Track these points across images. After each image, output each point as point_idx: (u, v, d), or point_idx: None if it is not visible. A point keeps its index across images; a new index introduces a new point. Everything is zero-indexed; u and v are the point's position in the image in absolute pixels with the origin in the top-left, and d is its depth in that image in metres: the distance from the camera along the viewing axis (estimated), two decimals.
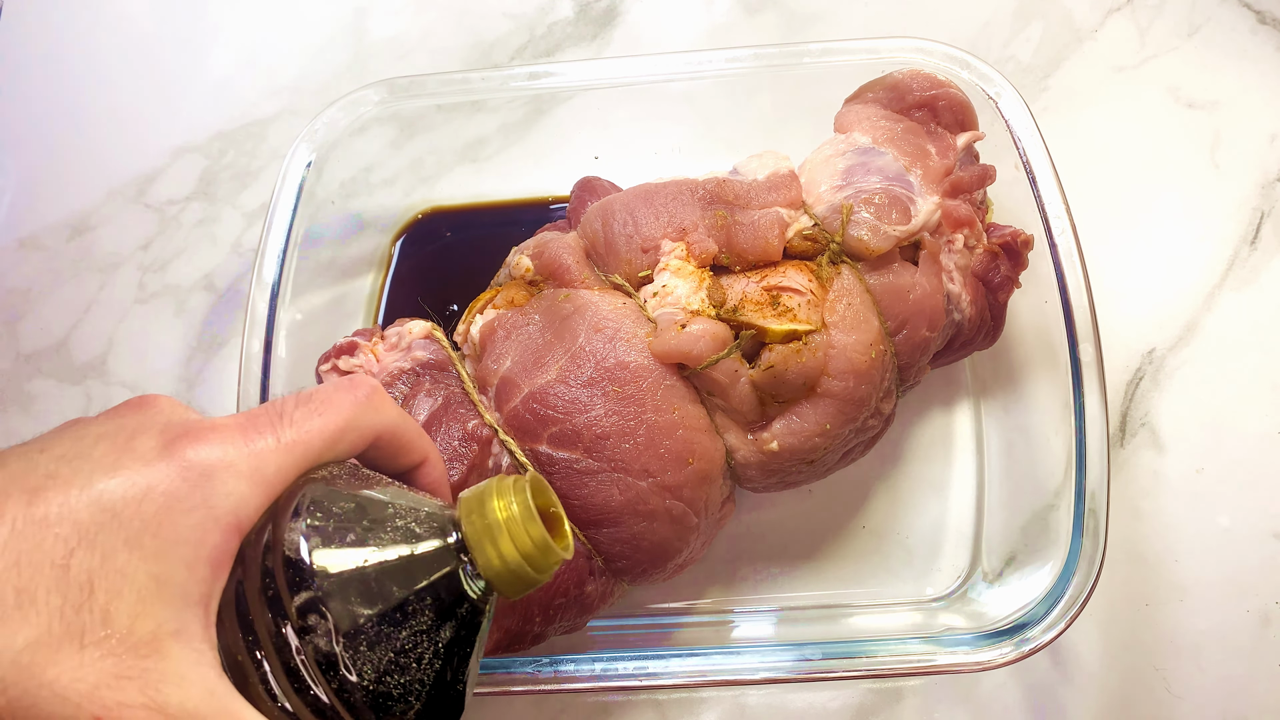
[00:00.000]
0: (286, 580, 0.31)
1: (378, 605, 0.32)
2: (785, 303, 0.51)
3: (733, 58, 0.63)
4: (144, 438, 0.31)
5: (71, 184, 0.79)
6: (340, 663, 0.31)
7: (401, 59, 0.81)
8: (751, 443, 0.52)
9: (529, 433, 0.50)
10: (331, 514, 0.33)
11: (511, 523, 0.34)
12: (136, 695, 0.28)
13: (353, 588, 0.31)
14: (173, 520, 0.30)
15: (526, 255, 0.56)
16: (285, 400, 0.35)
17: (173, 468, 0.30)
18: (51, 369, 0.73)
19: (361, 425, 0.35)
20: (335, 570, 0.31)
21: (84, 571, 0.28)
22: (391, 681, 0.32)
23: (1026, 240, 0.57)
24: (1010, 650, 0.48)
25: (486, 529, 0.34)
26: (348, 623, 0.31)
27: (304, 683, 0.30)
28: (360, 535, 0.33)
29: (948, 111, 0.58)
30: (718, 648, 0.50)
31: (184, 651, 0.29)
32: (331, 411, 0.35)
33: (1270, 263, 0.68)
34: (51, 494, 0.29)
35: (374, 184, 0.73)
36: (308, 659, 0.30)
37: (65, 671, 0.27)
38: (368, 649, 0.31)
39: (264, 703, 0.30)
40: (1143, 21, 0.77)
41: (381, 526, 0.33)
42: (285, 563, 0.31)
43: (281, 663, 0.30)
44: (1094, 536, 0.49)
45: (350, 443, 0.35)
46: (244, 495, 0.31)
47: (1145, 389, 0.65)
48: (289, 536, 0.32)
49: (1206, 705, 0.57)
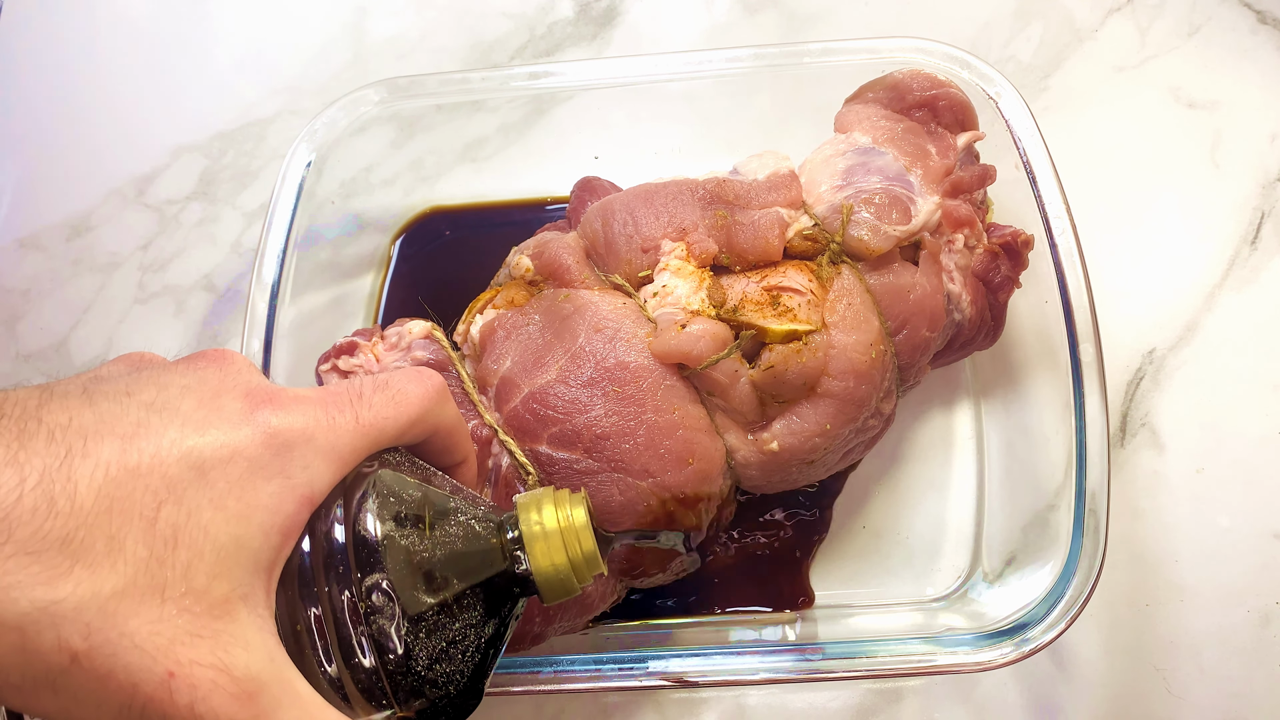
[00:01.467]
0: (357, 558, 0.32)
1: (441, 593, 0.33)
2: (785, 303, 0.50)
3: (733, 58, 0.63)
4: (229, 398, 0.32)
5: (71, 184, 0.79)
6: (399, 643, 0.32)
7: (401, 59, 0.81)
8: (751, 443, 0.52)
9: (529, 433, 0.50)
10: (404, 500, 0.34)
11: (568, 531, 0.36)
12: (207, 655, 0.28)
13: (420, 573, 0.33)
14: (254, 486, 0.30)
15: (526, 255, 0.56)
16: (364, 382, 0.36)
17: (257, 433, 0.31)
18: (51, 369, 0.73)
19: (429, 419, 0.37)
20: (405, 554, 0.33)
21: (170, 526, 0.28)
22: (440, 669, 0.33)
23: (1027, 240, 0.57)
24: (1010, 650, 0.48)
25: (543, 533, 0.36)
26: (414, 607, 0.32)
27: (358, 657, 0.31)
28: (430, 523, 0.34)
29: (948, 111, 0.58)
30: (718, 648, 0.50)
31: (251, 616, 0.29)
32: (405, 401, 0.36)
33: (1270, 263, 0.68)
34: (144, 442, 0.29)
35: (374, 184, 0.73)
36: (368, 636, 0.31)
37: (145, 624, 0.27)
38: (425, 635, 0.32)
39: (314, 673, 0.31)
40: (1143, 21, 0.77)
41: (448, 517, 0.35)
42: (357, 540, 0.32)
43: (339, 637, 0.31)
44: (1094, 536, 0.49)
45: (416, 434, 0.37)
46: (320, 469, 0.32)
47: (1145, 389, 0.65)
48: (362, 516, 0.32)
49: (1206, 705, 0.57)
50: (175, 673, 0.27)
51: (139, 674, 0.27)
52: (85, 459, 0.28)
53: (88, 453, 0.28)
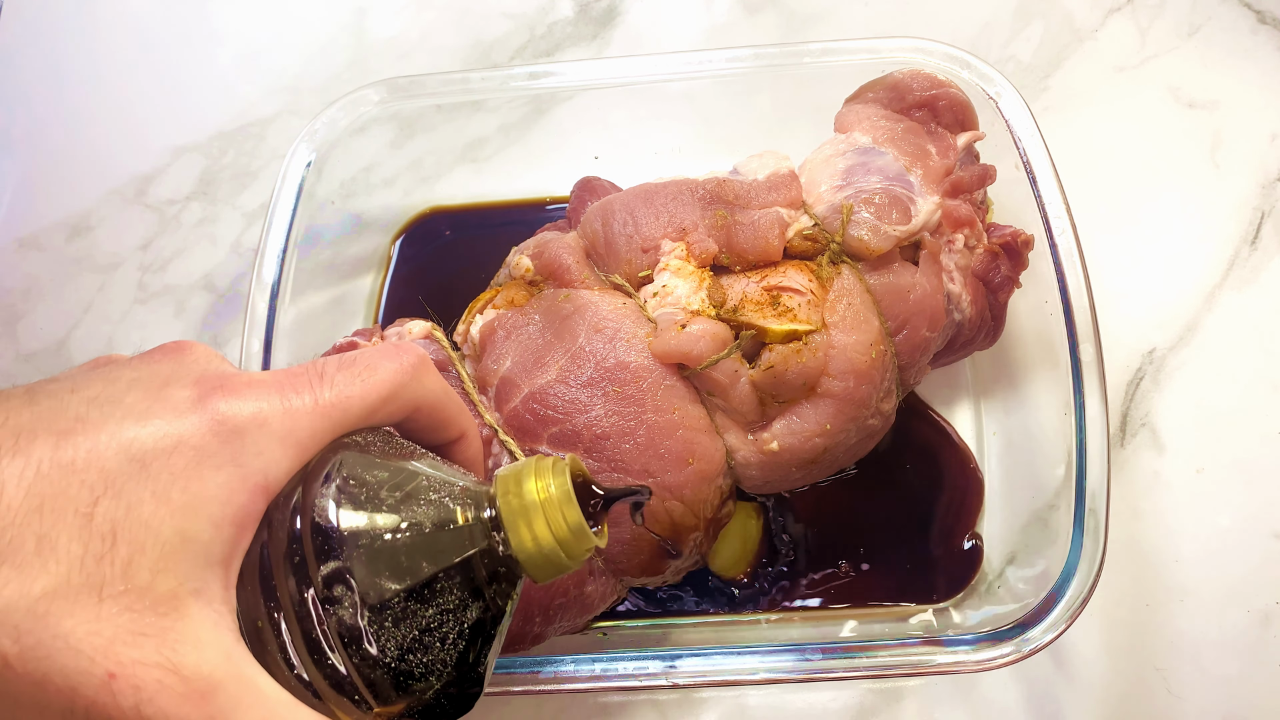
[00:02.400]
0: (314, 547, 0.30)
1: (406, 580, 0.30)
2: (785, 303, 0.50)
3: (733, 58, 0.63)
4: (177, 387, 0.30)
5: (71, 184, 0.79)
6: (364, 636, 0.30)
7: (401, 59, 0.81)
8: (752, 443, 0.52)
9: (529, 433, 0.50)
10: (365, 482, 0.32)
11: (549, 505, 0.33)
12: (153, 654, 0.27)
13: (382, 560, 0.30)
14: (201, 476, 0.29)
15: (526, 255, 0.56)
16: (327, 361, 0.33)
17: (205, 421, 0.29)
18: (51, 369, 0.73)
19: (404, 395, 0.34)
20: (365, 540, 0.30)
21: (108, 522, 0.27)
22: (414, 659, 0.31)
23: (1027, 240, 0.57)
24: (1011, 650, 0.48)
25: (522, 509, 0.33)
26: (375, 596, 0.30)
27: (324, 653, 0.30)
28: (393, 506, 0.31)
29: (948, 111, 0.58)
30: (718, 648, 0.50)
31: (203, 612, 0.28)
32: (374, 378, 0.33)
33: (1270, 263, 0.68)
34: (80, 438, 0.28)
35: (374, 184, 0.73)
36: (330, 630, 0.29)
37: (81, 624, 0.26)
38: (393, 624, 0.30)
39: (280, 670, 0.30)
40: (1143, 21, 0.77)
41: (415, 499, 0.32)
42: (314, 529, 0.30)
43: (302, 631, 0.30)
44: (1094, 536, 0.49)
45: (390, 411, 0.34)
46: (275, 456, 0.30)
47: (1145, 389, 0.65)
48: (319, 502, 0.31)
49: (1206, 705, 0.57)
50: (117, 674, 0.26)
51: (77, 677, 0.26)
52: (15, 458, 0.27)
53: (19, 451, 0.27)
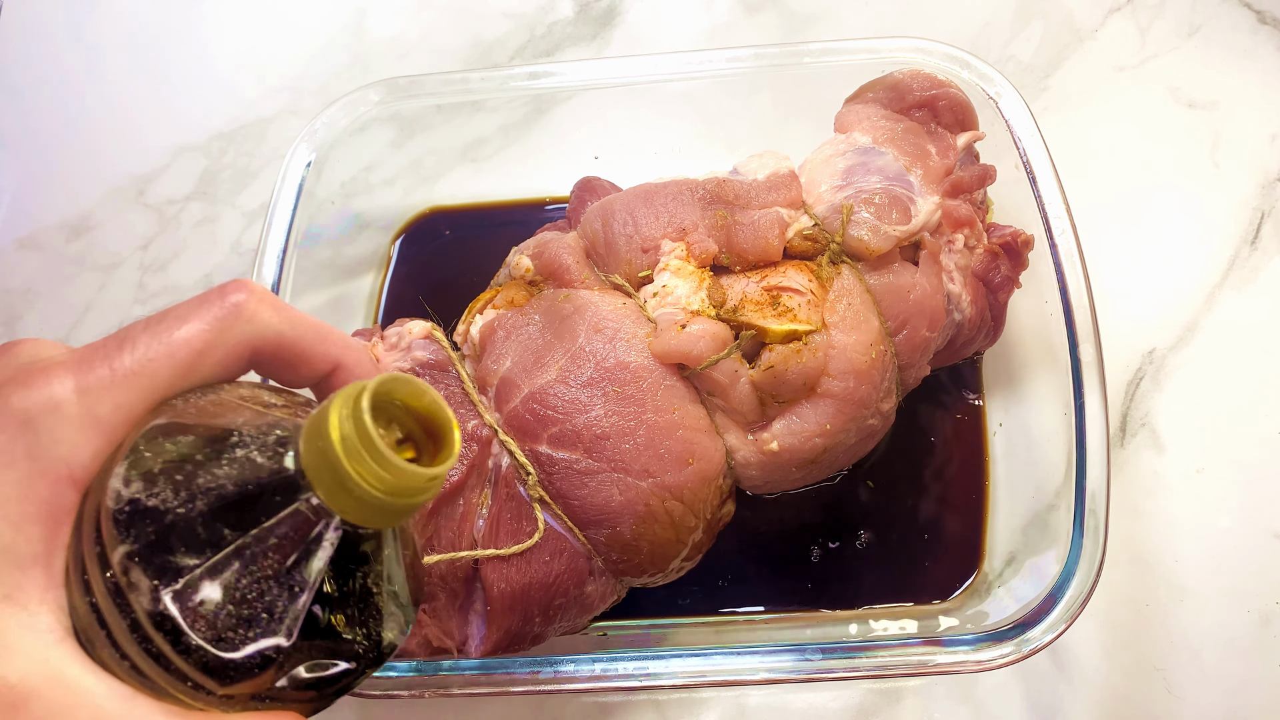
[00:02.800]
0: (109, 533, 0.28)
1: (205, 553, 0.27)
2: (785, 303, 0.50)
3: (733, 58, 0.63)
4: None
5: (71, 184, 0.79)
6: (174, 620, 0.27)
7: (401, 59, 0.81)
8: (752, 443, 0.52)
9: (529, 433, 0.50)
10: (161, 453, 0.28)
11: (347, 444, 0.27)
12: None
13: (175, 536, 0.27)
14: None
15: (526, 255, 0.56)
16: (135, 324, 0.30)
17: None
18: None
19: (228, 341, 0.31)
20: (156, 519, 0.28)
21: None
22: (237, 635, 0.28)
23: (1027, 240, 0.57)
24: (1010, 651, 0.48)
25: (323, 455, 0.27)
26: (170, 576, 0.27)
27: (149, 641, 0.27)
28: (188, 476, 0.28)
29: (948, 111, 0.58)
30: (718, 648, 0.50)
31: (16, 617, 0.27)
32: (183, 331, 0.30)
33: (1270, 263, 0.68)
34: None
35: (374, 184, 0.73)
36: (140, 618, 0.27)
37: None
38: (200, 604, 0.27)
39: (115, 665, 0.28)
40: (1143, 21, 0.77)
41: (215, 462, 0.28)
42: (105, 513, 0.28)
43: (121, 621, 0.27)
44: (1094, 537, 0.49)
45: (215, 364, 0.31)
46: (75, 442, 0.28)
47: (1145, 389, 0.65)
48: (111, 484, 0.28)
49: (1206, 705, 0.57)
50: None
51: None
52: None
53: None
